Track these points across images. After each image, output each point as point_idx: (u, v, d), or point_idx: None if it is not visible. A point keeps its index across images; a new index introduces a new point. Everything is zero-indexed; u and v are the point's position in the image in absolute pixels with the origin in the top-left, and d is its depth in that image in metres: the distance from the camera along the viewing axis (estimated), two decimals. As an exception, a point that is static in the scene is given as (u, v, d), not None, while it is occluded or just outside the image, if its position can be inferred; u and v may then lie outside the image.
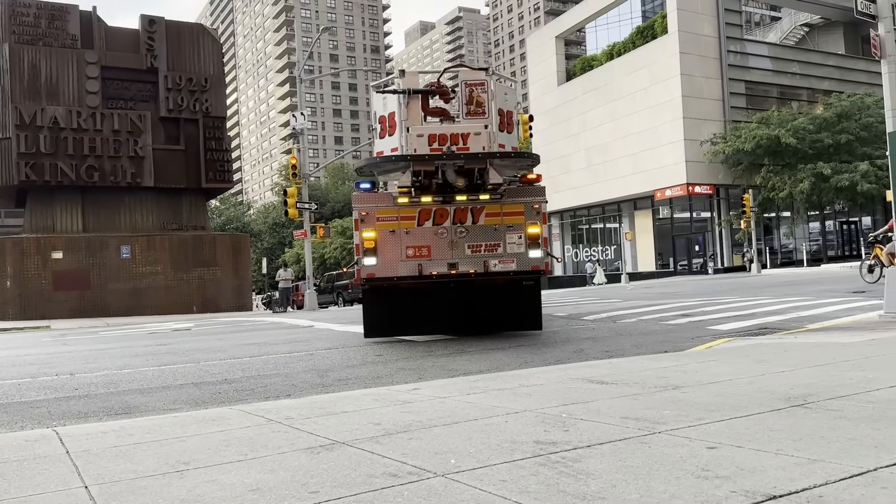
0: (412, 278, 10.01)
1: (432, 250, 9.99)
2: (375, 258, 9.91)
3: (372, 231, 9.91)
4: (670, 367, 6.10)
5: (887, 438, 3.20)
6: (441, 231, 10.04)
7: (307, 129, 31.20)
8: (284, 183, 65.17)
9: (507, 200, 10.19)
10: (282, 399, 6.06)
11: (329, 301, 37.95)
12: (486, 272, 10.10)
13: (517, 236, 10.16)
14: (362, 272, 9.95)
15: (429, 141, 9.49)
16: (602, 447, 3.36)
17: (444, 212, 10.06)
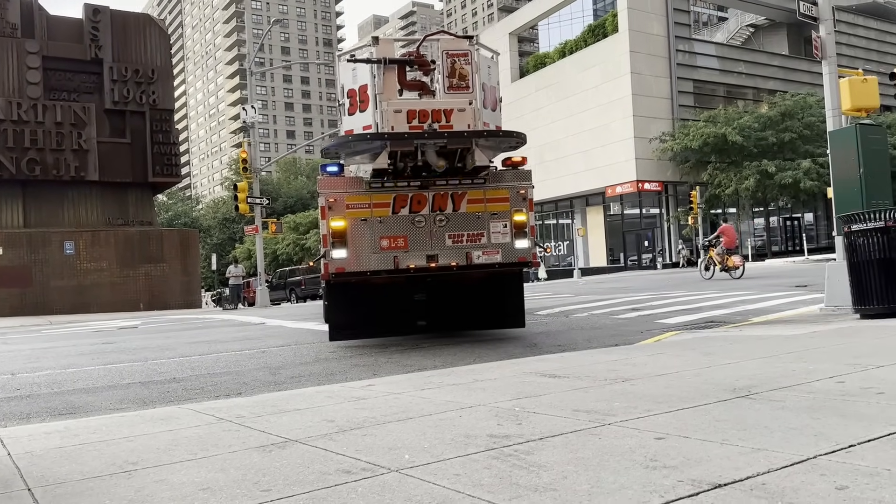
0: (387, 272, 8.90)
1: (409, 241, 8.88)
2: (345, 250, 8.69)
3: (341, 220, 8.72)
4: (620, 361, 6.22)
5: (826, 427, 3.31)
6: (419, 219, 8.92)
7: (258, 123, 30.75)
8: (235, 177, 64.09)
9: (490, 186, 9.19)
10: (232, 397, 5.98)
11: (281, 297, 37.54)
12: (468, 265, 9.05)
13: (502, 225, 9.17)
14: (330, 266, 8.72)
15: (407, 117, 8.48)
16: (554, 440, 3.41)
17: (422, 198, 8.94)
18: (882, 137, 10.91)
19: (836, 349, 6.20)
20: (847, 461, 2.75)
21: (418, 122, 8.51)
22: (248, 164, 28.74)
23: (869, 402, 3.81)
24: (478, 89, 8.86)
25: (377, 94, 8.70)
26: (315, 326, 13.42)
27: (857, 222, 8.79)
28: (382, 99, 8.65)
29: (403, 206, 8.91)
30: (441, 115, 8.58)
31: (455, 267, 9.04)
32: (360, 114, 8.93)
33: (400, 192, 8.92)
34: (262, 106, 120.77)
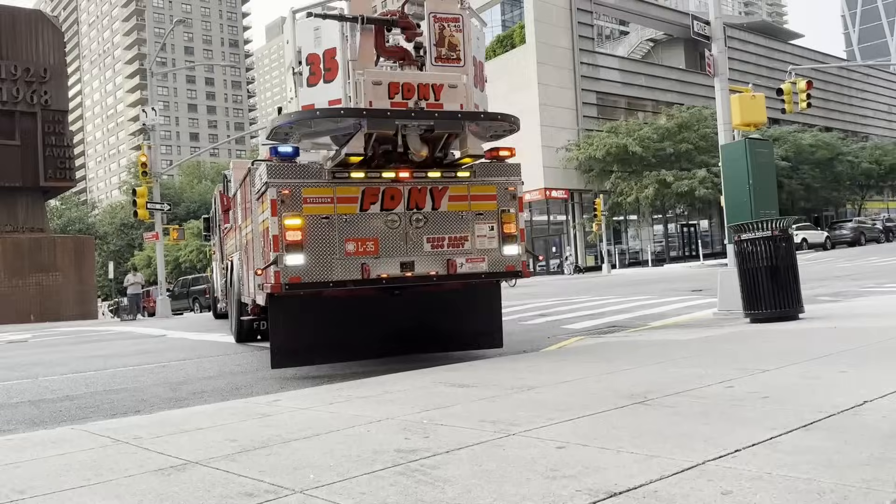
0: (355, 283, 7.35)
1: (380, 244, 7.44)
2: (302, 255, 7.09)
3: (297, 217, 7.10)
4: (527, 368, 6.35)
5: (715, 432, 3.50)
6: (392, 219, 7.51)
7: (159, 125, 29.66)
8: (134, 181, 61.58)
9: (475, 181, 7.91)
10: (130, 416, 5.76)
11: (184, 307, 36.28)
12: (451, 274, 7.69)
13: (488, 227, 7.92)
14: (282, 275, 7.04)
15: (389, 91, 7.09)
16: (460, 452, 3.46)
17: (396, 193, 7.51)
18: (769, 151, 11.59)
19: (726, 354, 6.54)
20: (733, 466, 2.92)
21: (401, 98, 7.13)
22: (147, 168, 27.65)
23: (754, 407, 4.05)
24: (469, 62, 7.61)
25: (350, 61, 7.19)
26: (220, 338, 13.06)
27: (747, 231, 9.31)
28: (357, 67, 7.16)
29: (374, 203, 7.46)
30: (429, 90, 7.25)
31: (435, 277, 7.66)
32: (324, 84, 7.30)
33: (370, 185, 7.43)
34: (163, 107, 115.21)
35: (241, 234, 10.38)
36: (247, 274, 9.71)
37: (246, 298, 10.17)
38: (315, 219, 7.21)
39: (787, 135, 49.36)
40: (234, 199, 11.65)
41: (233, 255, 12.00)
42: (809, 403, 3.99)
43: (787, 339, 7.23)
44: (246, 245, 9.75)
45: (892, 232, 47.19)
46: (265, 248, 7.42)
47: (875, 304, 10.51)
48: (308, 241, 7.14)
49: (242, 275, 10.42)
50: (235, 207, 11.46)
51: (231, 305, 12.43)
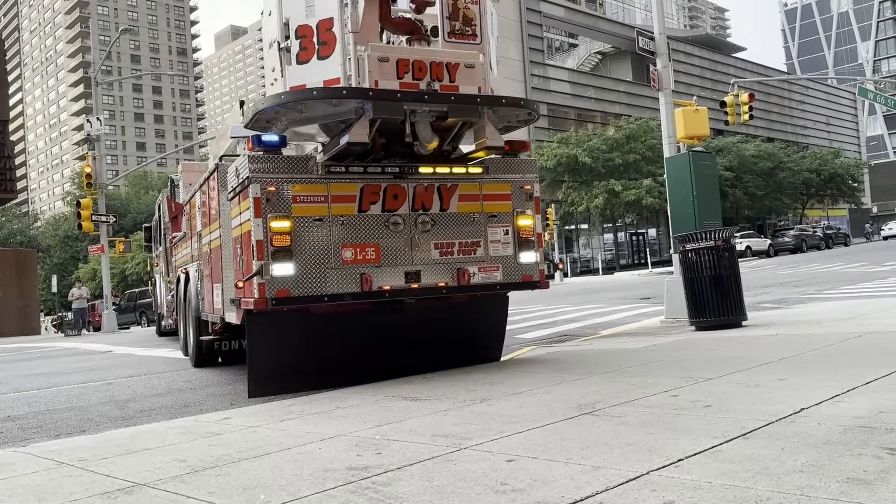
0: (353, 297, 6.47)
1: (382, 251, 6.59)
2: (292, 264, 6.21)
3: (285, 219, 6.21)
4: (480, 380, 6.41)
5: (659, 442, 3.60)
6: (395, 221, 6.67)
7: (104, 135, 29.01)
8: (78, 193, 60.00)
9: (488, 178, 7.12)
10: (75, 436, 5.62)
11: (131, 321, 35.43)
12: (462, 285, 6.89)
13: (503, 231, 7.16)
14: (268, 288, 6.11)
15: (397, 70, 6.12)
16: (412, 468, 3.48)
17: (400, 191, 6.70)
18: (712, 163, 11.93)
19: (672, 362, 6.71)
20: (675, 476, 3.01)
21: (412, 79, 6.17)
22: (92, 180, 27.02)
23: (697, 416, 4.17)
24: (485, 40, 6.70)
25: (350, 34, 6.14)
26: (168, 353, 12.81)
27: (691, 242, 9.57)
28: (360, 40, 6.21)
29: (374, 202, 6.62)
30: (443, 70, 6.29)
31: (444, 288, 6.85)
32: (318, 61, 6.22)
33: (370, 182, 6.59)
34: (109, 117, 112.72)
35: (201, 243, 9.23)
36: (209, 287, 8.69)
37: (208, 315, 8.92)
38: (306, 221, 6.35)
39: (731, 145, 50.81)
40: (191, 203, 10.24)
41: (187, 267, 10.56)
42: (750, 411, 4.13)
43: (731, 348, 7.44)
44: (209, 254, 8.57)
45: (831, 239, 48.87)
46: (245, 256, 6.45)
47: (814, 311, 10.89)
48: (298, 247, 6.27)
49: (202, 288, 9.18)
50: (192, 213, 10.20)
51: (186, 324, 10.76)
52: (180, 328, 11.87)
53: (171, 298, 13.75)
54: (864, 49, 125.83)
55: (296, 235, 6.28)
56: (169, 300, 14.38)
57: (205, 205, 8.90)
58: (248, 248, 6.32)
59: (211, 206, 8.40)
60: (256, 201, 6.19)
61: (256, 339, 6.70)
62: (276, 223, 6.20)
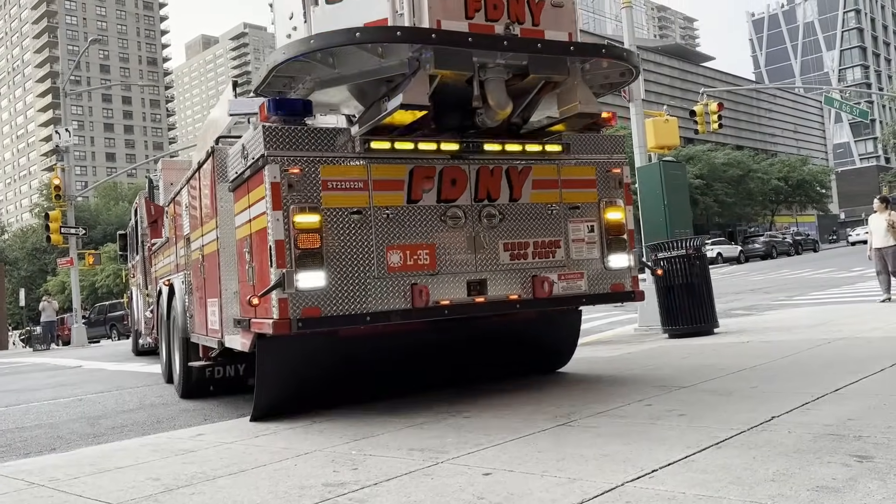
0: (403, 315, 5.10)
1: (438, 254, 5.24)
2: (323, 273, 4.84)
3: (313, 213, 4.86)
4: (455, 391, 6.40)
5: (634, 453, 3.63)
6: (454, 214, 5.32)
7: (73, 146, 28.62)
8: (46, 204, 59.06)
9: (569, 159, 5.76)
10: (46, 455, 5.52)
11: (101, 335, 34.90)
12: (541, 299, 5.52)
13: (586, 227, 5.81)
14: (291, 306, 4.76)
15: (466, 8, 4.74)
16: (389, 483, 3.48)
17: (459, 175, 5.35)
18: (682, 173, 12.10)
19: (646, 371, 6.77)
20: (650, 487, 3.05)
21: (485, 19, 4.78)
22: (61, 191, 26.63)
23: (671, 425, 4.22)
24: None
25: None
26: (139, 368, 12.64)
27: (664, 250, 9.69)
28: None
29: (428, 189, 5.25)
30: (524, 7, 4.94)
31: (518, 303, 5.50)
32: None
33: (422, 163, 5.22)
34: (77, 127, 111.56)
35: (189, 249, 7.70)
36: (200, 303, 7.19)
37: (200, 338, 7.29)
38: (341, 214, 4.97)
39: (702, 153, 51.59)
40: (175, 203, 8.64)
41: (171, 278, 8.82)
42: (722, 420, 4.19)
43: (704, 356, 7.53)
44: (201, 262, 7.03)
45: (801, 245, 49.70)
46: (257, 262, 5.15)
47: (785, 318, 11.07)
48: (331, 249, 4.90)
49: (191, 304, 7.67)
50: (176, 214, 8.59)
51: (171, 345, 8.75)
52: (162, 350, 9.65)
53: (150, 314, 11.91)
54: (830, 58, 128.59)
55: (327, 234, 4.89)
56: (148, 316, 12.36)
57: (195, 202, 7.36)
58: (262, 251, 4.99)
59: (204, 203, 6.86)
60: (275, 188, 4.78)
61: (269, 370, 5.38)
62: (301, 217, 4.79)
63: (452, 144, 5.31)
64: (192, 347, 7.80)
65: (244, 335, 5.52)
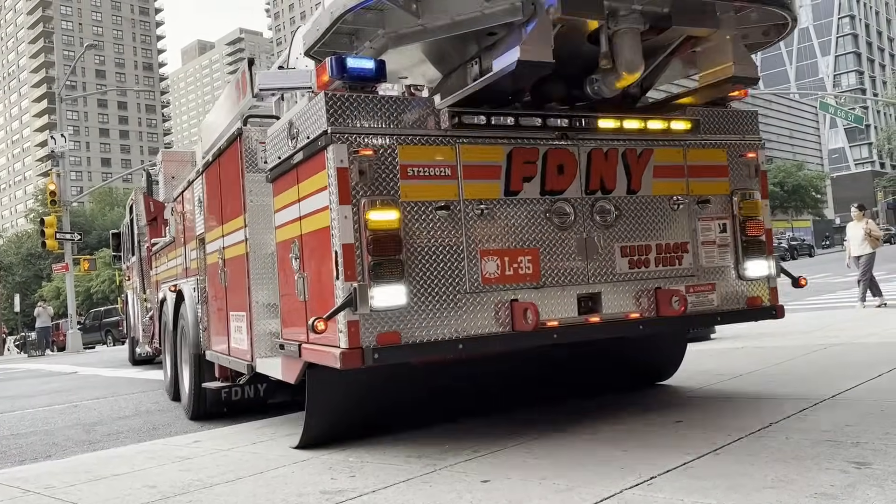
0: (504, 342, 4.20)
1: (542, 262, 4.29)
2: (403, 287, 3.91)
3: (391, 209, 3.93)
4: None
5: (632, 459, 3.63)
6: (561, 210, 4.38)
7: (69, 151, 28.59)
8: (41, 210, 58.94)
9: (693, 140, 4.75)
10: (41, 462, 5.50)
11: (96, 340, 34.72)
12: (668, 317, 4.49)
13: (718, 226, 4.82)
14: (364, 331, 3.83)
15: None
16: (386, 491, 3.47)
17: (567, 160, 4.39)
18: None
19: (643, 377, 6.77)
20: (648, 494, 3.04)
21: None
22: (56, 197, 26.57)
23: (668, 432, 4.22)
24: None
25: None
26: (135, 374, 12.60)
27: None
28: None
29: (529, 178, 4.28)
30: None
31: (640, 323, 4.48)
32: None
33: (522, 145, 4.26)
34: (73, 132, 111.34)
35: (204, 252, 6.75)
36: (219, 316, 6.18)
37: (219, 357, 6.21)
38: (424, 210, 4.01)
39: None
40: (183, 199, 7.70)
41: (179, 283, 7.75)
42: (719, 426, 4.19)
43: (701, 361, 7.53)
44: (222, 267, 5.96)
45: (796, 250, 49.82)
46: (311, 272, 4.22)
47: (780, 323, 11.07)
48: (413, 256, 3.94)
49: (206, 316, 6.71)
50: (185, 211, 7.66)
51: (177, 361, 7.73)
52: (167, 364, 8.59)
53: (148, 321, 10.99)
54: (825, 64, 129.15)
55: (408, 236, 3.94)
56: (146, 322, 11.25)
57: (213, 197, 6.30)
58: (321, 258, 4.02)
59: (225, 198, 5.86)
60: (342, 175, 3.81)
61: (323, 401, 4.50)
62: (376, 214, 3.83)
63: (561, 119, 4.28)
64: (205, 365, 6.78)
65: (289, 363, 4.51)
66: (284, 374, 4.64)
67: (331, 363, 3.85)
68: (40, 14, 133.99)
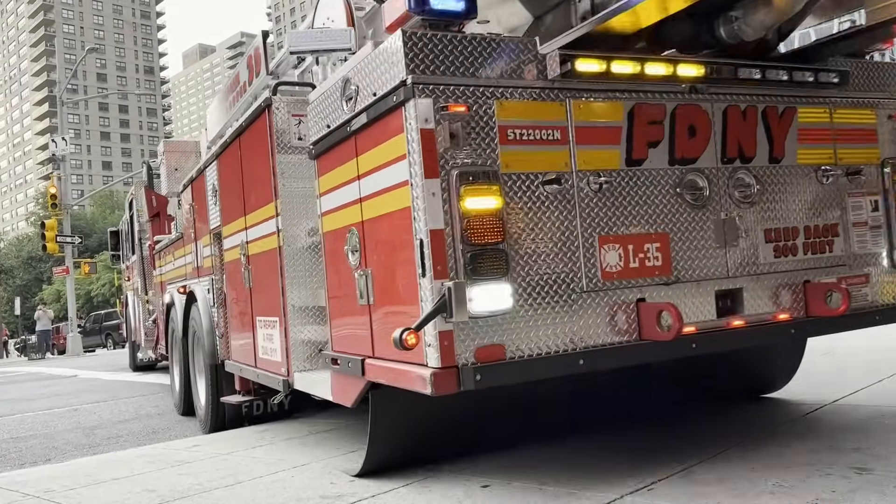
0: (632, 354, 3.34)
1: (674, 250, 3.48)
2: (509, 285, 3.04)
3: (490, 185, 3.05)
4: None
5: (632, 465, 3.62)
6: (693, 184, 3.57)
7: (70, 154, 28.64)
8: (42, 213, 59.02)
9: (841, 97, 3.98)
10: (40, 465, 5.51)
11: (96, 344, 34.78)
12: (824, 316, 3.69)
13: (869, 203, 4.05)
14: (460, 344, 2.97)
15: None
16: (386, 496, 3.46)
17: (699, 119, 3.59)
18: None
19: (644, 381, 6.76)
20: (649, 501, 3.04)
21: None
22: (57, 200, 26.63)
23: (669, 436, 4.21)
24: None
25: None
26: (135, 378, 12.60)
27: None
28: None
29: (655, 143, 3.49)
30: None
31: (792, 326, 3.71)
32: None
33: (646, 100, 3.48)
34: (74, 136, 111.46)
35: (220, 248, 6.03)
36: (242, 321, 5.56)
37: (242, 368, 5.58)
38: (529, 185, 3.19)
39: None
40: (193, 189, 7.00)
41: (189, 284, 7.17)
42: (720, 432, 4.18)
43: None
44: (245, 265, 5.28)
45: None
46: (382, 268, 3.39)
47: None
48: (517, 244, 3.14)
49: (223, 320, 6.11)
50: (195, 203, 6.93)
51: (189, 370, 7.08)
52: (175, 375, 7.94)
53: (152, 324, 10.41)
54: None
55: (511, 218, 3.12)
56: (149, 326, 10.62)
57: (231, 184, 5.61)
58: (395, 250, 3.24)
59: (249, 184, 5.18)
60: (427, 139, 2.96)
61: (391, 424, 3.73)
62: (473, 191, 3.00)
63: (695, 67, 3.46)
64: (223, 376, 6.16)
65: (345, 382, 3.74)
66: (337, 395, 3.89)
67: (417, 387, 3.00)
68: (42, 17, 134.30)
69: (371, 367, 3.41)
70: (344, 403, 3.80)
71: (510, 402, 4.18)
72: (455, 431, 4.11)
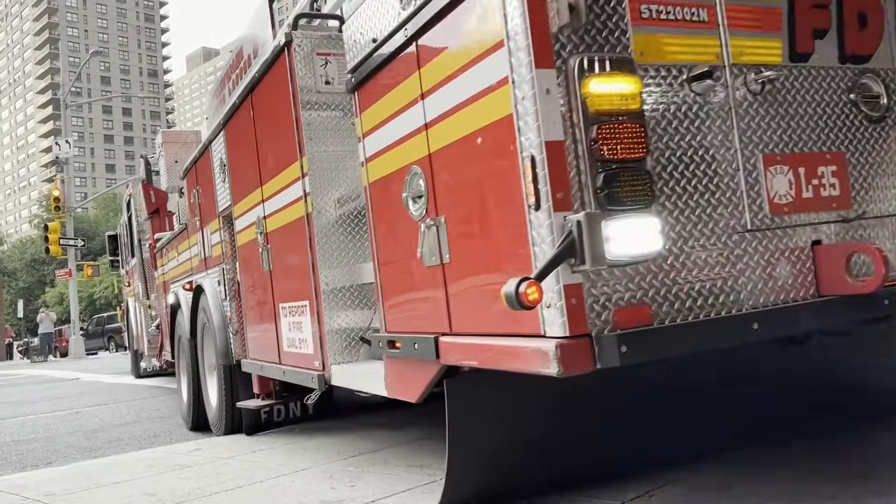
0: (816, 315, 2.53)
1: (851, 175, 2.70)
2: (657, 219, 2.16)
3: (628, 75, 2.19)
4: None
5: (632, 470, 3.61)
6: (869, 89, 2.77)
7: (73, 157, 28.70)
8: (46, 216, 59.16)
9: None
10: (41, 469, 5.50)
11: (98, 346, 34.86)
12: None
13: None
14: (590, 305, 2.12)
15: None
16: (387, 500, 3.45)
17: (869, 2, 2.78)
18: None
19: (645, 387, 6.75)
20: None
21: None
22: (60, 203, 26.69)
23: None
24: None
25: None
26: (137, 381, 12.60)
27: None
28: None
29: (822, 33, 2.71)
30: None
31: None
32: None
33: None
34: (78, 138, 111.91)
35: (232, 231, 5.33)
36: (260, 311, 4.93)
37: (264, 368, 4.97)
38: (672, 80, 2.41)
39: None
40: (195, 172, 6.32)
41: (197, 279, 6.43)
42: (722, 435, 4.17)
43: (703, 371, 7.53)
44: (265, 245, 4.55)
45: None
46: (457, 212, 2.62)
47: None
48: (663, 162, 2.36)
49: (237, 315, 5.49)
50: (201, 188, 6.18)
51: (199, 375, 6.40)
52: (182, 382, 7.16)
53: (155, 330, 9.63)
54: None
55: (652, 125, 2.34)
56: (153, 332, 9.76)
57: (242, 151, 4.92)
58: (484, 181, 2.44)
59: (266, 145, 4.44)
60: (537, 12, 2.16)
61: (470, 424, 2.80)
62: (603, 85, 2.19)
63: None
64: (238, 378, 5.57)
65: (408, 370, 2.98)
66: (394, 389, 3.09)
67: (532, 367, 2.18)
68: (46, 20, 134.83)
69: (448, 346, 2.61)
70: (405, 398, 3.01)
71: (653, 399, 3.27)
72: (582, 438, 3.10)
